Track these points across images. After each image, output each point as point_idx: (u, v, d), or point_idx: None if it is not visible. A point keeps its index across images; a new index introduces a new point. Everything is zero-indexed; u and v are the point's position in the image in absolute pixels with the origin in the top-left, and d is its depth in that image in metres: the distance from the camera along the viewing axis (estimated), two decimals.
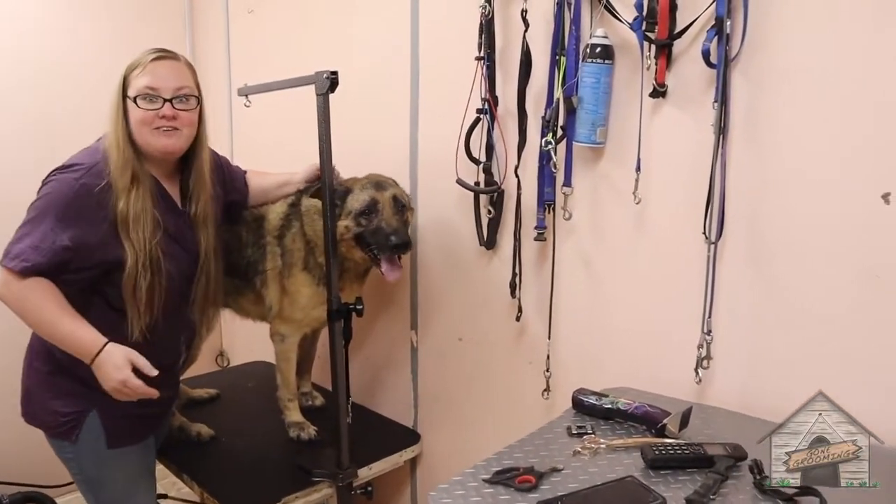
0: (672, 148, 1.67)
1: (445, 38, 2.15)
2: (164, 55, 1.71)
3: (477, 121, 1.98)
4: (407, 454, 2.33)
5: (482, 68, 1.94)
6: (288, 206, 2.17)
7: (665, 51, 1.64)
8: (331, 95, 1.83)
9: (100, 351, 1.61)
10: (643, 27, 1.63)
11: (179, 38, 3.16)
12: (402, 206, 2.05)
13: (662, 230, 1.71)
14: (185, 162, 1.81)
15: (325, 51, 2.55)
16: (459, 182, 2.02)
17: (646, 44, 1.64)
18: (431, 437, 2.40)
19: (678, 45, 1.63)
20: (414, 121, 2.26)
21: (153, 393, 1.65)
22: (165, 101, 1.67)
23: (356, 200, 2.01)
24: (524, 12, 1.83)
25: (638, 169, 1.67)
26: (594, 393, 1.64)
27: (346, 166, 2.10)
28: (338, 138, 1.87)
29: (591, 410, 1.62)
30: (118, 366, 1.61)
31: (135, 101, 1.67)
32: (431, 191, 2.23)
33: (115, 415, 1.74)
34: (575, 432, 1.53)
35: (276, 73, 2.03)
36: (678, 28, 1.61)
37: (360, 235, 2.01)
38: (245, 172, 2.15)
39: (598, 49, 1.70)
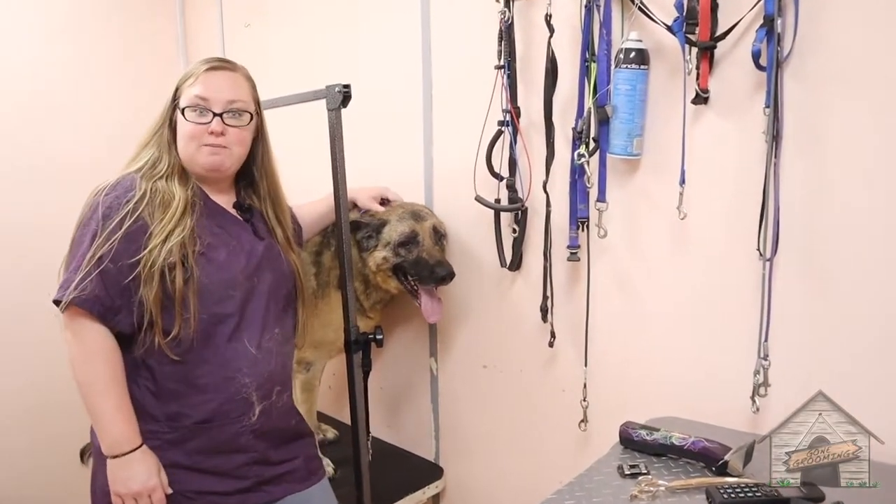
0: (717, 158, 1.55)
1: (459, 46, 2.03)
2: (220, 65, 1.56)
3: (498, 134, 1.86)
4: (430, 490, 2.20)
5: (502, 77, 1.82)
6: None
7: (707, 54, 1.52)
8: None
9: (136, 448, 1.45)
10: (683, 29, 1.51)
11: (173, 54, 3.04)
12: (441, 236, 2.02)
13: (709, 247, 1.59)
14: (243, 179, 1.67)
15: (330, 64, 2.43)
16: (479, 199, 1.89)
17: (686, 47, 1.52)
18: (455, 470, 2.27)
19: (721, 48, 1.51)
20: (428, 135, 2.14)
21: None
22: (215, 115, 1.52)
23: (394, 231, 1.96)
24: (548, 17, 1.70)
25: (682, 182, 1.55)
26: (644, 426, 1.51)
27: (356, 184, 1.97)
28: (346, 155, 1.76)
29: (641, 446, 1.49)
30: (152, 472, 1.45)
31: (183, 113, 1.52)
32: (448, 208, 2.11)
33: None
34: (628, 473, 1.39)
35: (278, 89, 1.92)
36: (720, 29, 1.50)
37: (398, 266, 1.97)
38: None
39: (633, 54, 1.58)
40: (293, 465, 1.65)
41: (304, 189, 1.92)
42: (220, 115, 1.52)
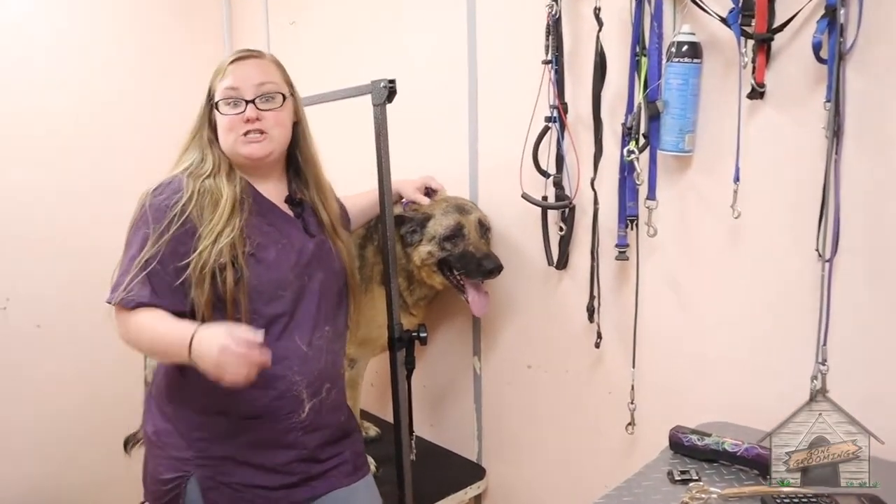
0: (774, 154, 1.49)
1: (505, 41, 2.00)
2: (246, 54, 1.57)
3: (545, 130, 1.83)
4: (472, 491, 2.18)
5: (550, 72, 1.79)
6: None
7: (764, 46, 1.46)
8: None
9: (192, 337, 1.35)
10: (739, 20, 1.46)
11: (220, 53, 3.06)
12: (486, 230, 1.99)
13: (764, 247, 1.53)
14: (290, 167, 1.66)
15: (375, 60, 2.42)
16: (525, 197, 1.86)
17: (742, 39, 1.47)
18: (497, 471, 2.24)
19: (778, 40, 1.45)
20: (473, 132, 2.11)
21: (264, 360, 1.34)
22: (248, 102, 1.52)
23: (439, 225, 1.94)
24: (597, 10, 1.67)
25: (737, 179, 1.50)
26: (695, 431, 1.47)
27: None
28: (391, 151, 1.76)
29: (691, 451, 1.44)
30: (217, 334, 1.32)
31: (218, 108, 1.53)
32: (493, 206, 2.07)
33: (214, 483, 1.51)
34: (678, 479, 1.35)
35: (323, 86, 1.91)
36: (778, 20, 1.44)
37: (444, 261, 1.95)
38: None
39: (686, 47, 1.53)
40: (339, 461, 1.65)
41: (347, 186, 1.91)
42: (253, 101, 1.51)
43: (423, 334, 1.80)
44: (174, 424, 1.55)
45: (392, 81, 1.70)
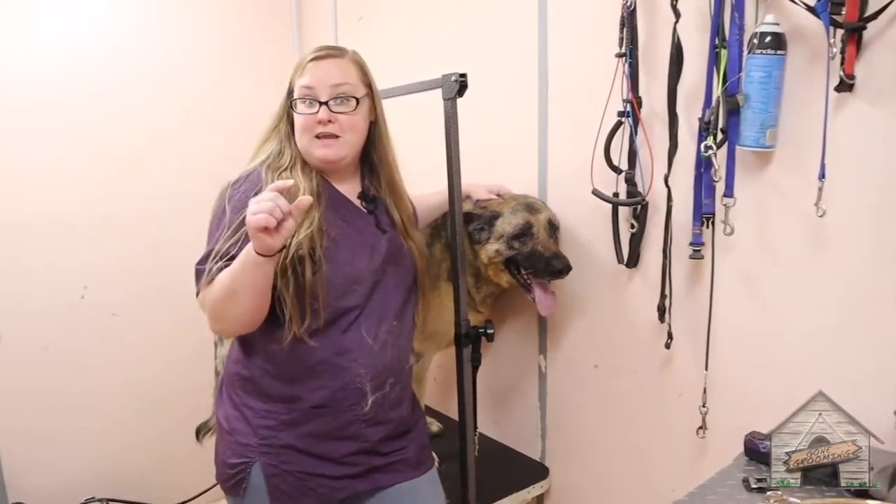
0: (863, 150, 1.42)
1: (577, 34, 1.96)
2: (325, 54, 1.57)
3: (618, 125, 1.79)
4: (535, 490, 2.15)
5: (623, 66, 1.74)
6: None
7: (855, 36, 1.39)
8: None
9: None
10: (828, 9, 1.39)
11: (288, 48, 3.11)
12: (556, 229, 1.97)
13: (851, 247, 1.46)
14: (365, 164, 1.66)
15: (443, 54, 2.42)
16: (596, 193, 1.83)
17: (831, 29, 1.40)
18: (561, 471, 2.21)
19: (871, 29, 1.38)
20: (543, 126, 2.08)
21: (287, 184, 1.33)
22: (321, 104, 1.52)
23: (508, 223, 1.92)
24: (674, 1, 1.62)
25: (822, 176, 1.43)
26: None
27: (469, 177, 1.92)
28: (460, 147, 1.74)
29: (768, 459, 1.38)
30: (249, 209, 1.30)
31: (294, 105, 1.54)
32: (563, 201, 2.04)
33: (277, 470, 1.53)
34: (755, 486, 1.30)
35: (391, 81, 1.91)
36: (871, 8, 1.37)
37: (511, 259, 1.93)
38: None
39: (769, 38, 1.47)
40: (403, 455, 1.65)
41: (413, 181, 1.90)
42: (326, 103, 1.51)
43: (489, 331, 1.78)
44: (241, 412, 1.58)
45: (463, 75, 1.68)
